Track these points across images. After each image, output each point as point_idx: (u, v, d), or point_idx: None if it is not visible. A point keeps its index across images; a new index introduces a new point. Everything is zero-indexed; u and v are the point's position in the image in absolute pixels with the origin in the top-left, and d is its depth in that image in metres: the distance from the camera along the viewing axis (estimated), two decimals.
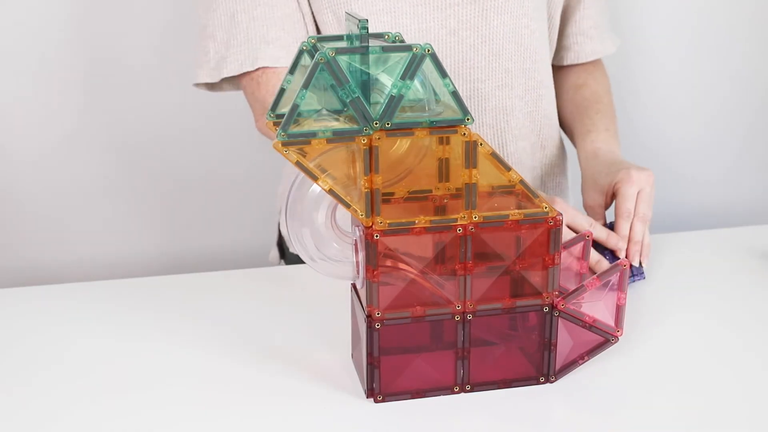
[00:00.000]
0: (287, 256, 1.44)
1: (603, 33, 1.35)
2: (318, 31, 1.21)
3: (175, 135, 1.65)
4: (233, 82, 1.23)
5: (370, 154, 0.79)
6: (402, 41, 0.86)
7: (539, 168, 1.30)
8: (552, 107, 1.31)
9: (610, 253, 1.10)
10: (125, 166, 1.65)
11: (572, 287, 0.89)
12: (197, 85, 1.24)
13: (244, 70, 1.16)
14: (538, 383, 0.89)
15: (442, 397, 0.87)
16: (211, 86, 1.24)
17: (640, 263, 1.09)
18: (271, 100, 1.17)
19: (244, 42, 1.16)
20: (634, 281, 1.10)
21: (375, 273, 0.82)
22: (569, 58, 1.35)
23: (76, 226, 1.67)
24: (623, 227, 1.09)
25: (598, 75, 1.36)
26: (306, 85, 0.77)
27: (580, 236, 0.96)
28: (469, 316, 0.85)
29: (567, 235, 1.05)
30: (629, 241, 1.09)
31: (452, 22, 1.18)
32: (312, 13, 1.21)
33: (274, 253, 1.46)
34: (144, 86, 1.61)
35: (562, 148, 1.36)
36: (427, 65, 0.78)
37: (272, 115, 0.85)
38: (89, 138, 1.62)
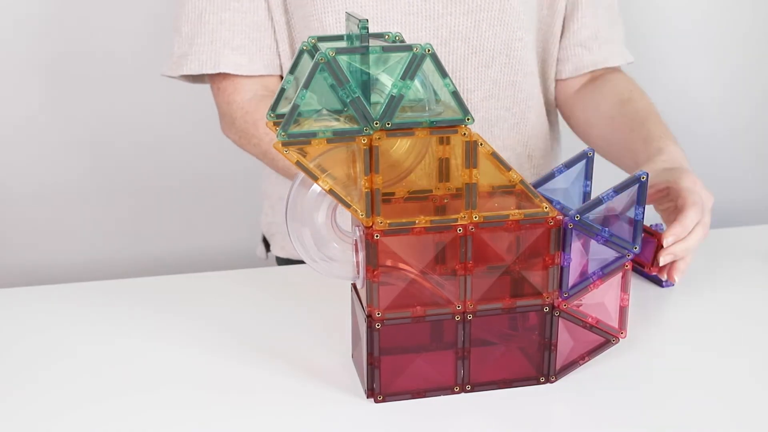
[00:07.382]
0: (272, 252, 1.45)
1: (603, 45, 1.29)
2: (293, 40, 1.20)
3: (164, 135, 1.65)
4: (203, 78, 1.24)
5: (371, 154, 0.79)
6: (402, 41, 0.86)
7: (526, 179, 1.28)
8: (542, 119, 1.28)
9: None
10: (116, 167, 1.65)
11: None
12: (182, 77, 1.23)
13: (205, 71, 1.17)
14: (539, 383, 0.89)
15: (442, 397, 0.87)
16: (193, 79, 1.24)
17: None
18: (225, 109, 1.19)
19: (208, 43, 1.16)
20: (664, 287, 1.11)
21: (375, 273, 0.82)
22: (567, 71, 1.30)
23: (63, 226, 1.67)
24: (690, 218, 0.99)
25: (640, 91, 1.27)
26: (306, 85, 0.77)
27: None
28: (470, 316, 0.85)
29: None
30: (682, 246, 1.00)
31: (444, 32, 1.17)
32: (287, 22, 1.19)
33: (261, 248, 1.46)
34: (131, 86, 1.61)
35: (554, 157, 1.34)
36: (428, 65, 0.78)
37: (272, 115, 0.85)
38: (80, 139, 1.63)
